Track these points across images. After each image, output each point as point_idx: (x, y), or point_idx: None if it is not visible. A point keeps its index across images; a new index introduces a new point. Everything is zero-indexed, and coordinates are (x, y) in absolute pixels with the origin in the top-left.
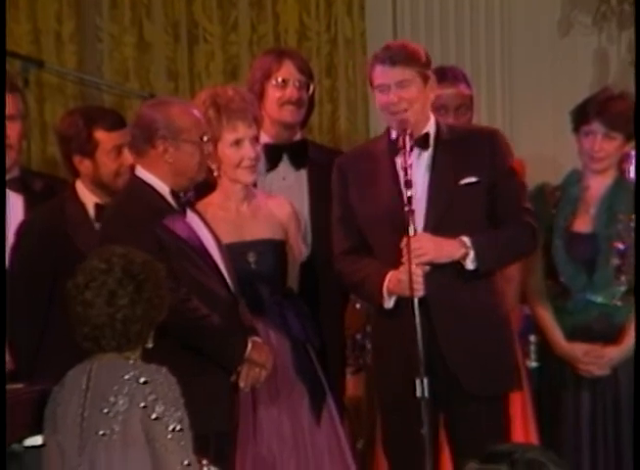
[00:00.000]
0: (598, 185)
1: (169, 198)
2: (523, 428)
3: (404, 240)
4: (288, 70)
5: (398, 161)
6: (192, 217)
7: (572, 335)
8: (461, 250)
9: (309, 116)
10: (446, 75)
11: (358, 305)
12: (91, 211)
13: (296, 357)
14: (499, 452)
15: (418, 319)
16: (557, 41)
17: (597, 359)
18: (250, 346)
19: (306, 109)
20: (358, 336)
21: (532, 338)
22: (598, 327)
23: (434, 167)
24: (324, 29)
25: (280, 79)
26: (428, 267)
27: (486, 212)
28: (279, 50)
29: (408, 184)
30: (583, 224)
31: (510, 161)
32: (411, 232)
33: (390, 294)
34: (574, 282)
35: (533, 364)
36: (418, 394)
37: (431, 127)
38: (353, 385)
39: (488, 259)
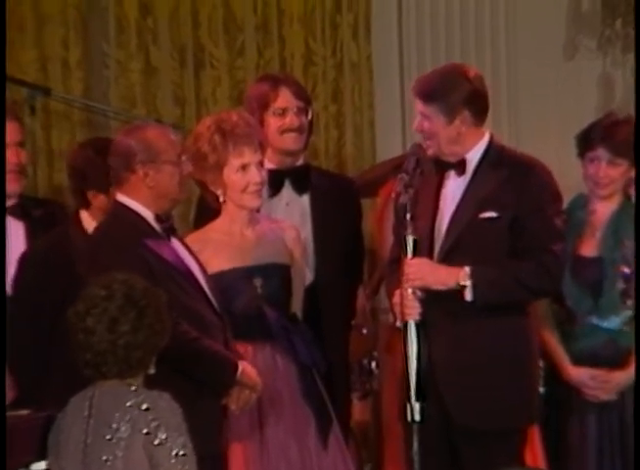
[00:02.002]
0: (604, 209)
1: (153, 223)
2: (530, 455)
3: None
4: (285, 99)
5: (446, 182)
6: (175, 243)
7: (579, 360)
8: (459, 279)
9: (309, 138)
10: None
11: (365, 330)
12: None
13: (302, 382)
14: None
15: (414, 344)
16: (562, 65)
17: (604, 384)
18: (240, 369)
19: (307, 132)
20: (365, 361)
21: (540, 363)
22: (604, 352)
23: (464, 196)
24: (330, 54)
25: (279, 108)
26: (420, 293)
27: (509, 248)
28: (273, 78)
29: (407, 208)
30: (589, 248)
31: (542, 198)
32: (409, 256)
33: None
34: (580, 306)
35: (540, 389)
36: (408, 418)
37: (473, 153)
38: (360, 410)
39: (486, 293)
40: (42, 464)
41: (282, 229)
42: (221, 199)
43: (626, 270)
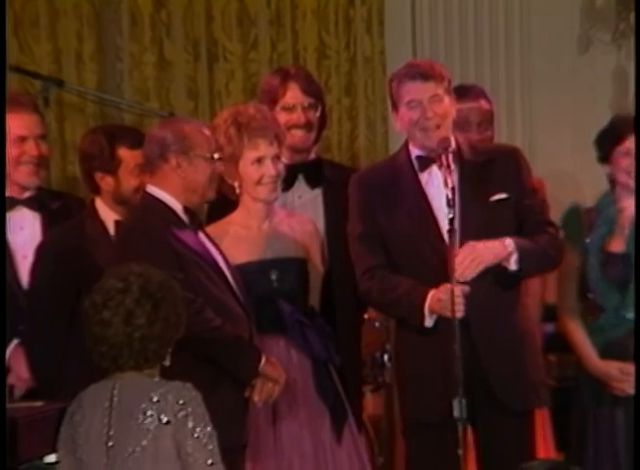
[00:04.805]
0: (632, 206)
1: (182, 214)
2: (543, 444)
3: (457, 257)
4: (293, 95)
5: (423, 178)
6: (202, 236)
7: (605, 352)
8: (506, 249)
9: (322, 131)
10: (468, 91)
11: (377, 324)
12: (111, 228)
13: (317, 376)
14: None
15: (458, 340)
16: (576, 58)
17: (632, 378)
18: (263, 360)
19: (318, 127)
20: (377, 354)
21: (552, 357)
22: (631, 344)
23: (463, 185)
24: (343, 48)
25: (287, 104)
26: (468, 287)
27: (514, 228)
28: (284, 72)
29: (450, 204)
30: (618, 245)
31: (531, 177)
32: (456, 251)
33: (432, 313)
34: (608, 301)
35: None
36: (456, 414)
37: (453, 145)
38: (373, 403)
39: (529, 262)
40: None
41: (299, 223)
42: (237, 191)
43: None
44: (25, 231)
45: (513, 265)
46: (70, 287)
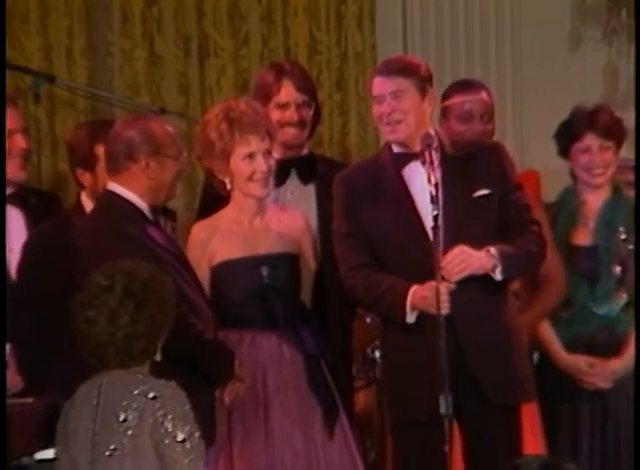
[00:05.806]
0: (595, 199)
1: (148, 214)
2: (532, 439)
3: (445, 256)
4: (287, 92)
5: (406, 175)
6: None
7: (573, 346)
8: (491, 261)
9: (315, 127)
10: (470, 84)
11: (368, 319)
12: None
13: (309, 372)
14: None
15: (443, 337)
16: (567, 55)
17: (602, 372)
18: (236, 362)
19: (311, 124)
20: (368, 349)
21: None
22: (599, 338)
23: (445, 181)
24: (334, 43)
25: (280, 102)
26: (453, 285)
27: (498, 224)
28: (278, 68)
29: (434, 201)
30: (583, 237)
31: (515, 172)
32: (440, 248)
33: (414, 309)
34: (576, 294)
35: None
36: (442, 410)
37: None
38: (364, 398)
39: (513, 270)
40: (48, 453)
41: (291, 218)
42: (228, 186)
43: (621, 258)
44: (9, 227)
45: (498, 276)
46: (58, 282)
